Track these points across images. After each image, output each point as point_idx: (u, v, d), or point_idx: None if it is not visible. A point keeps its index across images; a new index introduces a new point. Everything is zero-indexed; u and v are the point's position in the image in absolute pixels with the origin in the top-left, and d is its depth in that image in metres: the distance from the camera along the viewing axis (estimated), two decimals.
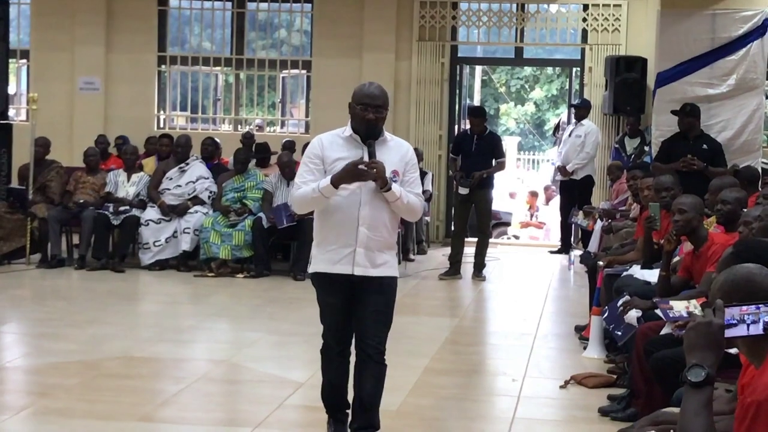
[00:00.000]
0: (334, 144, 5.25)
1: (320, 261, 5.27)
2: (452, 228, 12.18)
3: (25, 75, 16.44)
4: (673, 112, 10.57)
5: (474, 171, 11.64)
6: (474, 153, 11.73)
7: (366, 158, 5.12)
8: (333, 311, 5.33)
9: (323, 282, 5.29)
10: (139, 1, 15.56)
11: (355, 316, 5.28)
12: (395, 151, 5.28)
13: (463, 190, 11.71)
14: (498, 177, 12.42)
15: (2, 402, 6.54)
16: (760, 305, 2.92)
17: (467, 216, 12.00)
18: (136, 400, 6.43)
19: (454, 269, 11.88)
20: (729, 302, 3.03)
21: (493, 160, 11.85)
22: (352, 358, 5.44)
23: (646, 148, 13.11)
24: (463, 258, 11.99)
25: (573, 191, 13.90)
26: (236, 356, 7.82)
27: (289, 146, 13.26)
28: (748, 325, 2.91)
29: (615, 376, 7.04)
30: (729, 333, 2.92)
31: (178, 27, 16.21)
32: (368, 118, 5.15)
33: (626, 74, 13.91)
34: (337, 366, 5.45)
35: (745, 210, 6.62)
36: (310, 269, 5.38)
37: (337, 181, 5.08)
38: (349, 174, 5.07)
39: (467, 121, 15.30)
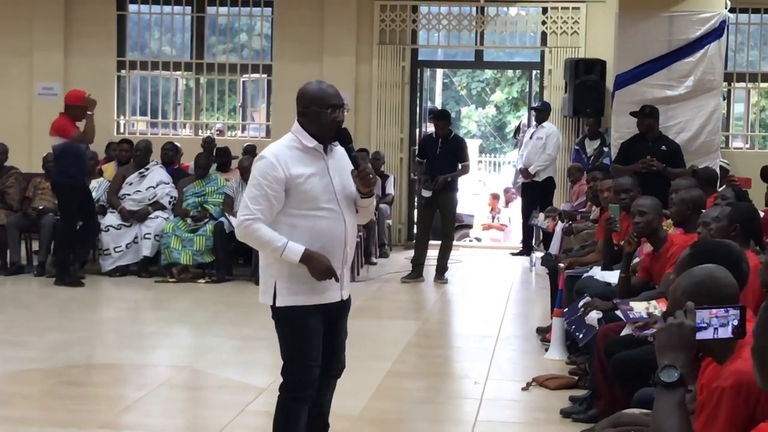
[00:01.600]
0: (294, 158, 4.60)
1: (302, 292, 4.62)
2: (415, 231, 12.18)
3: None
4: (632, 114, 10.64)
5: (439, 174, 11.66)
6: (439, 156, 11.75)
7: (331, 167, 4.65)
8: (317, 338, 4.71)
9: (306, 313, 4.65)
10: (98, 6, 15.45)
11: (328, 341, 4.80)
12: (342, 153, 4.77)
13: (426, 193, 11.73)
14: (461, 180, 12.43)
15: None
16: (729, 308, 2.95)
17: (431, 219, 12.01)
18: (97, 408, 6.39)
19: (416, 272, 11.89)
20: (697, 304, 3.06)
21: (459, 164, 11.88)
22: None
23: (606, 150, 13.19)
24: (425, 261, 12.01)
25: (534, 193, 13.96)
26: (198, 362, 7.79)
27: (250, 150, 13.22)
28: (716, 329, 2.94)
29: (576, 378, 7.07)
30: (698, 336, 2.95)
31: (138, 31, 16.12)
32: (339, 120, 4.66)
33: (585, 76, 13.99)
34: (305, 411, 4.77)
35: (703, 211, 6.68)
36: (284, 302, 4.63)
37: (305, 262, 4.53)
38: (320, 274, 4.56)
39: (430, 124, 15.36)
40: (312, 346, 4.68)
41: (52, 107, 15.21)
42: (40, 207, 11.93)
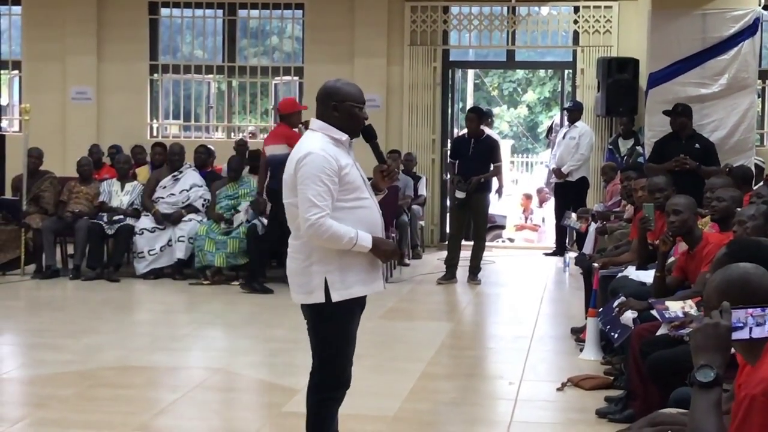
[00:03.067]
0: (337, 152, 4.65)
1: (356, 283, 4.64)
2: (448, 232, 12.14)
3: (17, 86, 16.42)
4: (665, 113, 10.58)
5: (471, 175, 11.64)
6: (471, 157, 11.73)
7: (356, 162, 4.76)
8: (355, 338, 4.78)
9: (353, 308, 4.70)
10: (130, 11, 15.54)
11: None
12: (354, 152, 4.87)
13: (460, 194, 11.69)
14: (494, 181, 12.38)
15: None
16: (766, 308, 2.92)
17: (464, 220, 11.98)
18: (132, 410, 6.41)
19: (450, 273, 11.86)
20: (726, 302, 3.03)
21: (491, 165, 11.85)
22: None
23: (639, 149, 13.12)
24: (459, 262, 11.98)
25: (568, 193, 13.90)
26: (232, 364, 7.80)
27: None
28: (751, 328, 2.92)
29: (612, 378, 7.03)
30: (734, 336, 2.92)
31: (170, 35, 16.19)
32: (366, 117, 4.78)
33: (618, 75, 13.92)
34: (338, 410, 4.85)
35: (739, 209, 6.63)
36: (341, 296, 4.62)
37: (375, 247, 4.62)
38: (385, 254, 4.69)
39: (464, 125, 15.33)
40: (352, 344, 4.74)
41: (86, 111, 15.40)
42: (75, 210, 12.00)
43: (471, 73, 25.32)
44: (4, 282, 11.56)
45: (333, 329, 4.66)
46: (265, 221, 11.48)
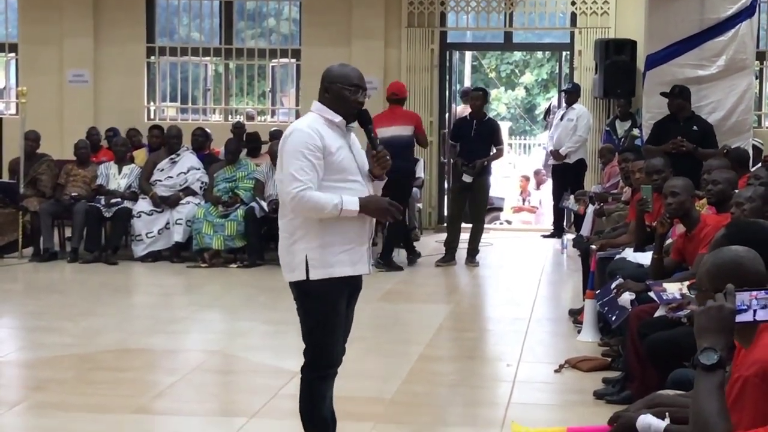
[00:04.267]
0: (327, 132, 4.64)
1: (336, 263, 4.60)
2: (447, 214, 12.13)
3: (13, 69, 16.38)
4: (663, 94, 10.56)
5: (473, 157, 11.61)
6: (473, 139, 11.70)
7: (353, 146, 4.74)
8: (342, 319, 4.71)
9: (337, 287, 4.64)
10: None
11: None
12: (355, 137, 4.86)
13: (468, 179, 11.63)
14: (493, 164, 12.38)
15: None
16: None
17: (464, 203, 11.96)
18: (131, 392, 6.43)
19: (449, 255, 11.86)
20: (716, 285, 3.04)
21: (493, 147, 11.83)
22: None
23: (636, 131, 13.11)
24: (458, 244, 11.97)
25: (565, 175, 13.90)
26: (230, 346, 7.82)
27: (278, 135, 13.21)
28: (755, 311, 2.92)
29: (609, 360, 7.05)
30: (738, 318, 2.93)
31: (167, 17, 16.16)
32: (360, 101, 4.72)
33: (616, 57, 13.91)
34: (330, 388, 4.80)
35: (736, 191, 6.63)
36: (319, 274, 4.59)
37: (362, 210, 4.59)
38: (378, 211, 4.66)
39: (461, 108, 15.31)
40: (338, 324, 4.68)
41: (83, 94, 15.37)
42: (73, 194, 11.99)
43: (468, 55, 25.24)
44: (1, 265, 11.56)
45: (315, 307, 4.65)
46: (264, 204, 11.48)
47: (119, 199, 11.95)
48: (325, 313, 4.64)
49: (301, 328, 4.73)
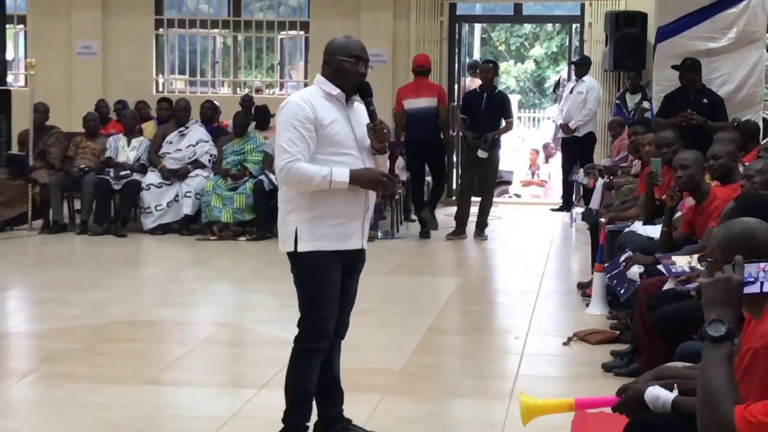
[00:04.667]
0: (323, 104, 4.60)
1: (325, 237, 4.58)
2: (457, 188, 12.15)
3: (22, 40, 16.38)
4: (674, 67, 10.51)
5: (483, 130, 11.58)
6: (483, 112, 11.67)
7: (352, 119, 4.65)
8: (336, 289, 4.67)
9: (327, 261, 4.62)
10: None
11: (340, 294, 4.74)
12: (362, 109, 4.75)
13: (483, 154, 11.61)
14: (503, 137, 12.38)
15: (7, 367, 6.56)
16: None
17: (474, 176, 11.95)
18: (140, 364, 6.45)
19: (459, 229, 11.86)
20: (727, 257, 3.03)
21: (502, 121, 11.81)
22: None
23: (646, 104, 13.06)
24: (469, 218, 11.97)
25: (575, 148, 13.88)
26: (239, 319, 7.84)
27: None
28: (762, 283, 2.91)
29: (618, 332, 7.05)
30: (746, 290, 2.92)
31: None
32: (361, 72, 4.66)
33: (626, 29, 13.85)
34: (318, 363, 4.74)
35: (747, 164, 6.60)
36: (306, 247, 4.60)
37: (353, 182, 4.53)
38: (372, 182, 4.59)
39: (472, 81, 15.25)
40: (330, 296, 4.64)
41: (91, 66, 15.35)
42: (82, 166, 12.00)
43: (478, 27, 25.14)
44: (11, 237, 11.59)
45: (306, 279, 4.66)
46: (273, 177, 11.47)
47: (128, 172, 11.96)
48: (315, 286, 4.65)
49: (298, 299, 4.76)
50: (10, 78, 15.70)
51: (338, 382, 4.92)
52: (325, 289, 4.64)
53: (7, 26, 13.92)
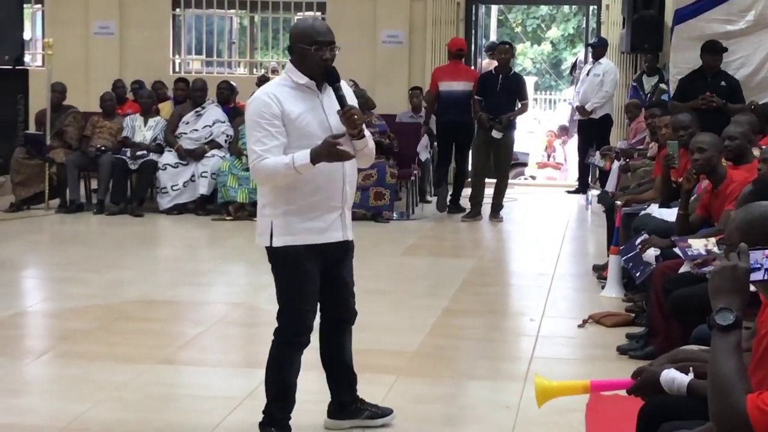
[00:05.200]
0: (286, 95, 4.44)
1: (301, 231, 4.48)
2: (471, 170, 12.17)
3: (39, 20, 16.40)
4: (704, 51, 10.36)
5: (498, 112, 11.57)
6: (499, 93, 11.66)
7: (326, 106, 4.49)
8: (314, 283, 4.56)
9: (304, 255, 4.50)
10: None
11: (332, 284, 4.65)
12: (348, 93, 4.59)
13: (497, 135, 11.61)
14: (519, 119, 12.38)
15: (24, 346, 6.60)
16: None
17: (488, 157, 11.94)
18: (156, 343, 6.47)
19: (475, 210, 11.87)
20: (746, 240, 3.02)
21: (518, 102, 11.80)
22: None
23: (663, 86, 13.01)
24: (483, 199, 11.97)
25: (591, 131, 13.84)
26: (254, 299, 7.85)
27: None
28: (767, 270, 2.90)
29: (633, 315, 7.04)
30: (752, 277, 2.91)
31: None
32: (325, 58, 4.44)
33: (644, 11, 13.78)
34: (299, 357, 4.68)
35: (764, 147, 6.58)
36: (281, 242, 4.50)
37: (316, 160, 4.33)
38: (331, 155, 4.34)
39: (486, 61, 15.23)
40: (308, 290, 4.55)
41: (108, 46, 15.37)
42: (99, 146, 12.03)
43: (494, 8, 25.12)
44: (28, 216, 11.63)
45: (283, 272, 4.57)
46: None
47: (145, 152, 11.98)
48: (292, 280, 4.55)
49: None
50: (27, 58, 15.73)
51: (351, 367, 4.88)
52: (303, 283, 4.54)
53: (25, 6, 13.97)
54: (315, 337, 4.78)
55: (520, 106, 11.85)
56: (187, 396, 5.55)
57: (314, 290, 4.57)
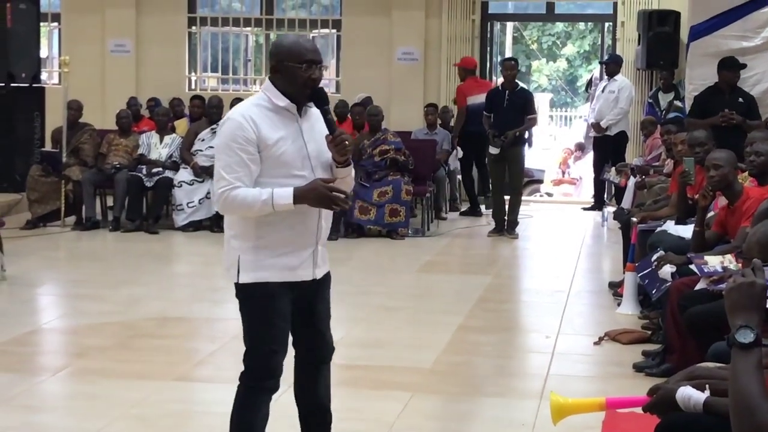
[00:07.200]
0: (263, 118, 4.01)
1: (270, 267, 4.06)
2: (492, 186, 12.24)
3: (56, 38, 16.48)
4: (723, 68, 10.33)
5: (506, 127, 11.59)
6: (506, 109, 11.68)
7: (305, 131, 4.07)
8: (285, 322, 4.14)
9: (273, 292, 4.09)
10: None
11: (306, 322, 4.24)
12: (318, 116, 4.14)
13: (494, 150, 11.66)
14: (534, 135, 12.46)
15: (40, 363, 6.62)
16: None
17: (503, 174, 11.95)
18: (172, 360, 6.48)
19: (500, 226, 11.87)
20: (766, 256, 3.00)
21: (526, 117, 11.81)
22: None
23: (678, 103, 12.99)
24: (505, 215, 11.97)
25: (606, 147, 13.81)
26: None
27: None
28: None
29: (649, 332, 7.02)
30: None
31: None
32: (314, 77, 4.03)
33: (659, 28, 13.78)
34: (267, 404, 4.24)
35: None
36: (249, 278, 4.09)
37: (299, 201, 3.96)
38: (320, 200, 3.97)
39: (500, 79, 15.23)
40: (278, 331, 4.14)
41: (124, 64, 15.44)
42: (115, 163, 12.07)
43: (510, 26, 25.11)
44: (44, 233, 11.67)
45: (250, 310, 4.20)
46: None
47: (160, 169, 12.02)
48: (259, 319, 4.17)
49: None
50: (44, 75, 15.81)
51: (326, 410, 4.42)
52: (272, 322, 4.12)
53: (42, 24, 14.04)
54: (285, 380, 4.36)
55: (527, 120, 11.87)
56: (202, 413, 5.56)
57: (285, 330, 4.16)
